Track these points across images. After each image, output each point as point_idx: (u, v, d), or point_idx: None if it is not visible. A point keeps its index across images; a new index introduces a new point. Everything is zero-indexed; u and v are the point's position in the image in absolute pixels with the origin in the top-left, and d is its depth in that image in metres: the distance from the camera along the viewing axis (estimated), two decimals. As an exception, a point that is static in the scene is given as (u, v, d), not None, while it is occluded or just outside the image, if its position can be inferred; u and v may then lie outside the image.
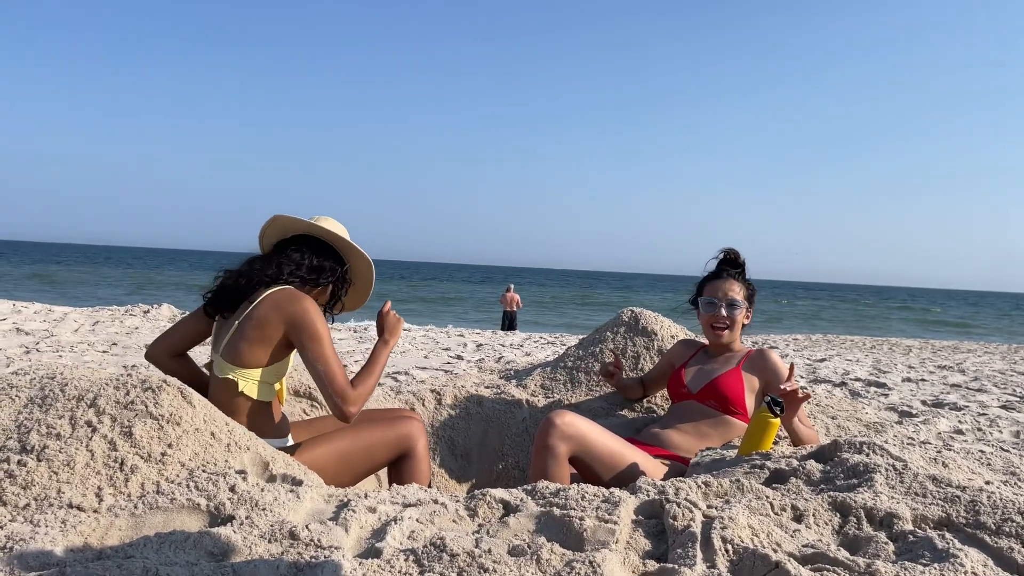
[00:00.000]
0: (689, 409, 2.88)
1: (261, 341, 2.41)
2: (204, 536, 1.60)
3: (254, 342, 2.41)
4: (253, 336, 2.41)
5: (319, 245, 2.64)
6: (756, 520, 1.78)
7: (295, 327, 2.38)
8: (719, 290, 2.94)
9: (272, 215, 2.62)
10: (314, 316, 2.39)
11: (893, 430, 3.24)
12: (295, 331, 2.38)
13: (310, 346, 2.37)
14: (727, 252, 3.04)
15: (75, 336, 7.21)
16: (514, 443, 3.46)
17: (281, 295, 2.43)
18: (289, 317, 2.38)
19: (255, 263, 2.57)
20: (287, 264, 2.55)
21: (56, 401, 2.01)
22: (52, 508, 1.71)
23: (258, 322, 2.40)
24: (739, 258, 3.03)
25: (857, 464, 2.15)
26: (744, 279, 3.00)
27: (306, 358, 2.39)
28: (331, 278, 2.64)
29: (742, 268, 3.03)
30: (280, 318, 2.39)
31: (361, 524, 1.74)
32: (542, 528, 1.75)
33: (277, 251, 2.61)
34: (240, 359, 2.42)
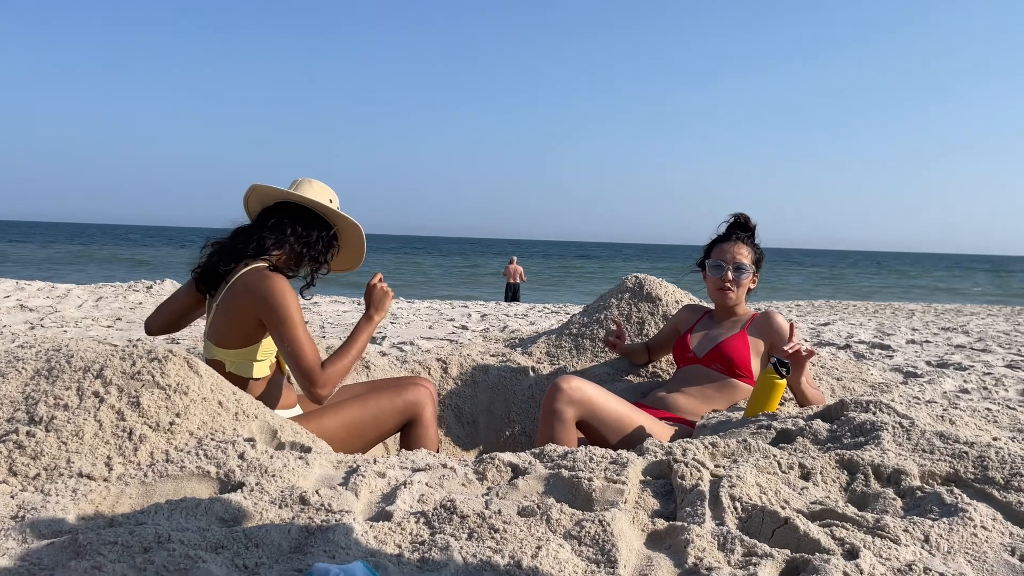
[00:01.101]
0: (695, 373, 2.88)
1: (238, 323, 2.39)
2: (215, 502, 1.60)
3: (232, 325, 2.40)
4: (231, 320, 2.40)
5: (303, 211, 2.56)
6: (764, 478, 1.78)
7: (263, 307, 2.33)
8: (727, 253, 2.92)
9: (251, 183, 2.56)
10: (282, 296, 2.33)
11: (898, 390, 3.24)
12: (263, 311, 2.33)
13: (278, 327, 2.33)
14: (738, 216, 3.01)
15: (79, 312, 7.22)
16: (520, 410, 3.47)
17: (250, 276, 2.39)
18: (258, 296, 2.33)
19: (238, 236, 2.53)
20: (269, 236, 2.49)
21: (63, 373, 2.01)
22: (62, 478, 1.72)
23: (232, 304, 2.38)
24: (749, 222, 3.01)
25: (864, 422, 2.15)
26: (753, 243, 2.97)
27: (275, 338, 2.35)
28: (318, 247, 2.57)
29: (752, 232, 3.00)
30: (250, 299, 2.35)
31: (371, 489, 1.75)
32: (551, 489, 1.76)
33: (259, 222, 2.55)
34: (223, 341, 2.42)
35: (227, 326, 2.41)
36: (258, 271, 2.40)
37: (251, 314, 2.37)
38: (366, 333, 2.52)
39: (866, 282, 41.34)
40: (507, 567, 1.37)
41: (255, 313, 2.36)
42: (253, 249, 2.47)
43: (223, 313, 2.41)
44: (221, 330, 2.42)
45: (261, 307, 2.34)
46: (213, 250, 2.54)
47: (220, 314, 2.42)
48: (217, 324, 2.43)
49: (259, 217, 2.58)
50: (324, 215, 2.59)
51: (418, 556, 1.42)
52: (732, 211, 3.05)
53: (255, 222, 2.58)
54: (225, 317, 2.41)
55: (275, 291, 2.33)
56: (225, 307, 2.41)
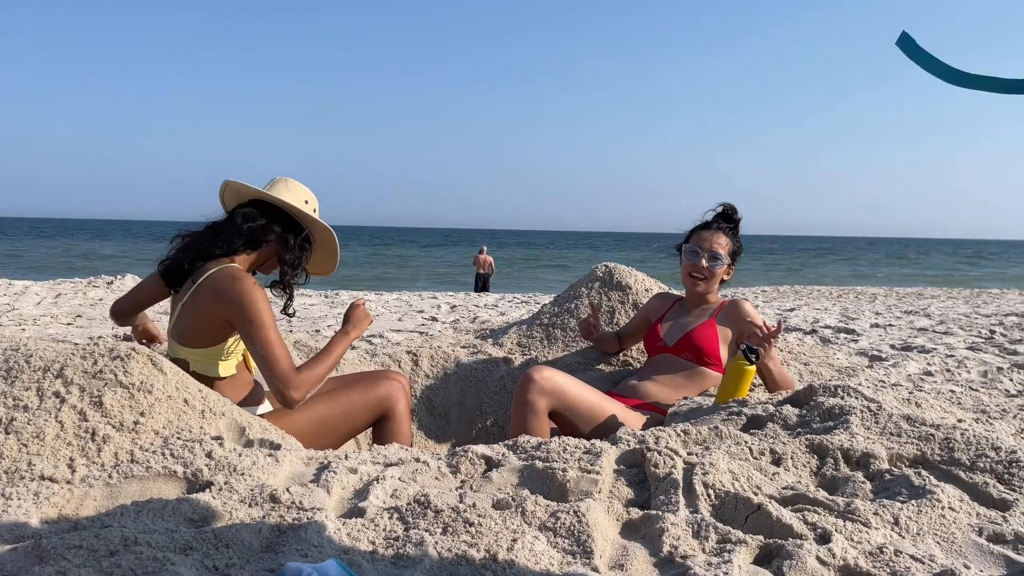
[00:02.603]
0: (665, 361, 2.89)
1: (204, 323, 2.35)
2: (183, 503, 1.57)
3: (199, 325, 2.35)
4: (197, 320, 2.35)
5: (278, 211, 2.51)
6: (736, 465, 1.79)
7: (233, 309, 2.28)
8: (705, 241, 2.92)
9: (224, 179, 2.51)
10: (253, 297, 2.28)
11: (865, 373, 3.29)
12: (233, 313, 2.28)
13: (249, 329, 2.27)
14: (725, 207, 3.00)
15: (37, 309, 7.05)
16: (492, 401, 3.46)
17: (220, 275, 2.33)
18: (227, 299, 2.28)
19: (208, 233, 2.47)
20: (239, 237, 2.43)
21: (21, 373, 1.96)
22: (24, 481, 1.67)
23: (200, 304, 2.33)
24: (735, 214, 3.00)
25: (833, 407, 2.18)
26: (733, 235, 2.97)
27: (246, 341, 2.30)
28: (294, 251, 2.53)
29: (735, 224, 3.00)
30: (219, 301, 2.30)
31: (343, 485, 1.73)
32: (525, 481, 1.75)
33: (231, 220, 2.48)
34: (188, 339, 2.37)
35: (193, 326, 2.36)
36: (228, 272, 2.34)
37: (219, 315, 2.32)
38: (341, 347, 2.50)
39: (823, 269, 41.93)
40: (483, 561, 1.36)
41: (223, 314, 2.31)
42: (222, 248, 2.42)
43: (190, 312, 2.36)
44: (186, 329, 2.37)
45: (231, 309, 2.28)
46: (182, 244, 2.47)
47: (186, 313, 2.37)
48: (183, 323, 2.38)
49: (231, 214, 2.52)
50: (297, 218, 2.54)
51: (392, 552, 1.41)
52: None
53: (227, 219, 2.51)
54: (192, 316, 2.36)
55: (245, 293, 2.27)
56: (192, 306, 2.35)
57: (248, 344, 2.31)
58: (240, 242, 2.43)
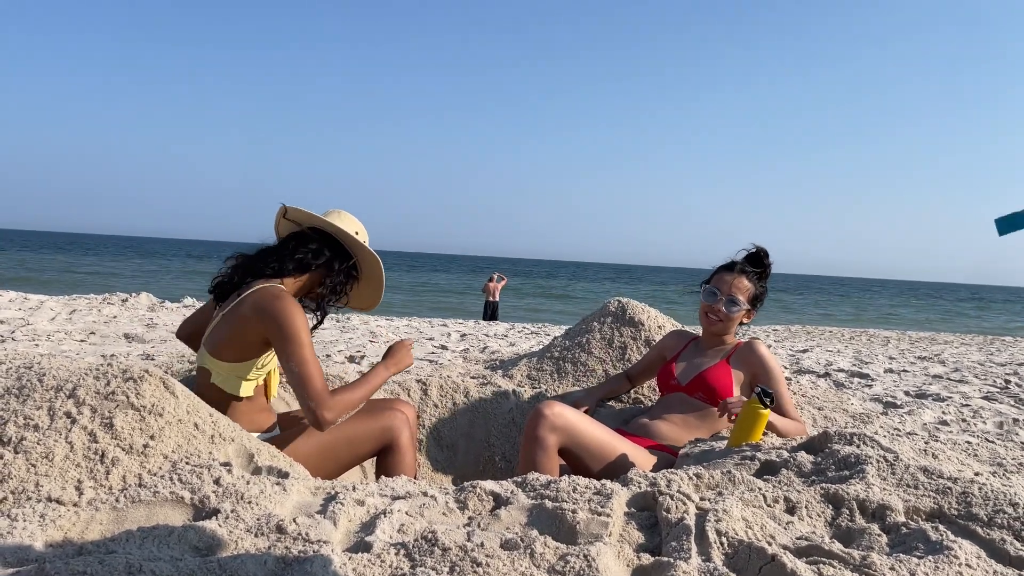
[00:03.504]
0: (678, 401, 2.86)
1: (239, 337, 2.38)
2: (188, 530, 1.56)
3: (233, 337, 2.38)
4: (233, 332, 2.38)
5: (329, 240, 2.59)
6: (750, 512, 1.76)
7: (272, 325, 2.30)
8: (725, 283, 2.89)
9: (281, 204, 2.58)
10: (293, 316, 2.30)
11: (879, 421, 3.25)
12: (272, 330, 2.31)
13: (286, 347, 2.29)
14: (756, 250, 2.94)
15: (52, 325, 7.08)
16: (501, 434, 3.44)
17: (263, 293, 2.37)
18: (267, 316, 2.31)
19: (261, 254, 2.54)
20: (291, 260, 2.50)
21: (34, 391, 1.96)
22: (30, 502, 1.66)
23: (239, 318, 2.37)
24: (763, 259, 2.94)
25: (848, 455, 2.14)
26: (759, 280, 2.92)
27: (282, 358, 2.31)
28: (339, 277, 2.59)
29: (762, 269, 2.93)
30: (259, 317, 2.32)
31: (350, 517, 1.71)
32: (534, 521, 1.73)
33: (283, 244, 2.56)
34: (218, 351, 2.40)
35: (227, 337, 2.39)
36: (272, 290, 2.38)
37: (255, 331, 2.35)
38: (379, 379, 2.54)
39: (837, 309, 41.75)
40: (490, 603, 1.34)
41: (261, 331, 2.34)
42: (272, 269, 2.48)
43: (227, 324, 2.40)
44: (220, 340, 2.40)
45: (270, 326, 2.31)
46: (235, 263, 2.55)
47: (224, 324, 2.41)
48: (217, 333, 2.41)
49: (284, 239, 2.60)
50: (349, 246, 2.61)
51: (398, 590, 1.38)
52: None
53: (280, 243, 2.59)
54: (228, 328, 2.39)
55: (286, 311, 2.30)
56: (231, 318, 2.39)
57: (283, 362, 2.31)
58: (291, 265, 2.50)
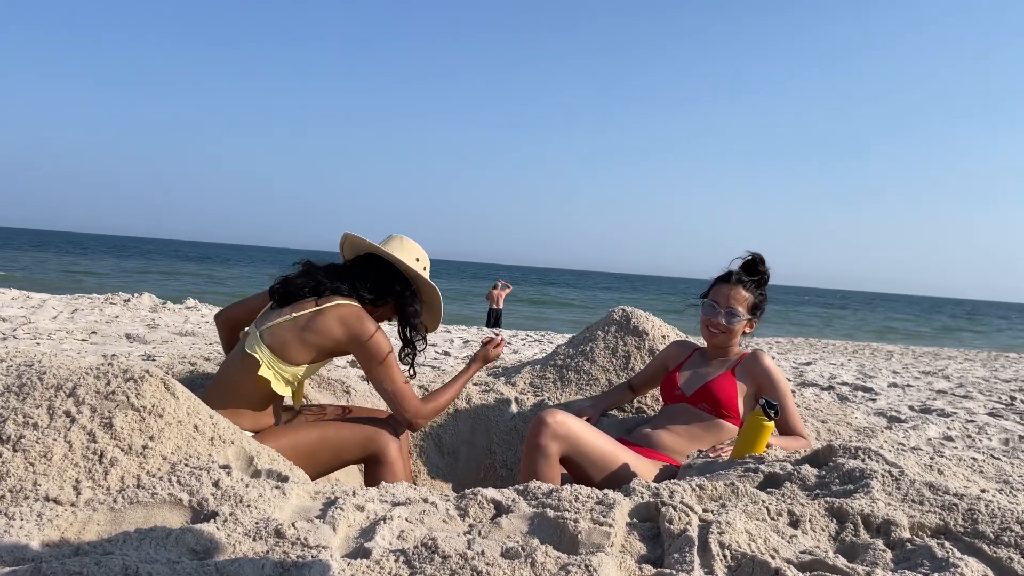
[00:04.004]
0: (681, 411, 2.84)
1: (315, 345, 2.46)
2: (186, 533, 1.54)
3: (307, 344, 2.45)
4: (308, 338, 2.45)
5: (391, 267, 2.66)
6: (753, 525, 1.74)
7: (361, 348, 2.45)
8: (722, 296, 2.86)
9: (344, 232, 2.70)
10: (380, 339, 2.47)
11: (884, 435, 3.22)
12: (360, 352, 2.46)
13: (377, 368, 2.47)
14: (752, 257, 2.89)
15: (53, 324, 7.08)
16: (502, 441, 3.42)
17: (349, 312, 2.48)
18: (356, 337, 2.45)
19: (330, 271, 2.62)
20: (361, 283, 2.59)
21: (34, 390, 1.94)
22: (28, 501, 1.65)
23: (319, 328, 2.45)
24: (758, 267, 2.89)
25: (853, 469, 2.12)
26: (756, 289, 2.87)
27: (373, 379, 2.49)
28: (395, 299, 2.66)
29: (759, 277, 2.90)
30: (346, 335, 2.45)
31: (349, 523, 1.69)
32: (535, 530, 1.71)
33: (351, 266, 2.66)
34: (283, 350, 2.45)
35: (299, 340, 2.45)
36: (357, 311, 2.49)
37: (337, 345, 2.46)
38: (465, 377, 2.78)
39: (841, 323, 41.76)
40: (490, 613, 1.32)
41: (344, 347, 2.47)
42: (348, 290, 2.56)
43: (301, 328, 2.45)
44: (288, 340, 2.45)
45: (357, 347, 2.45)
46: (305, 271, 2.62)
47: (294, 326, 2.46)
48: (285, 332, 2.46)
49: (354, 263, 2.68)
50: (408, 275, 2.68)
51: (397, 598, 1.37)
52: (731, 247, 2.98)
53: (351, 266, 2.67)
54: (303, 332, 2.45)
55: (376, 335, 2.46)
56: (307, 325, 2.45)
57: (374, 381, 2.49)
58: (366, 291, 2.59)
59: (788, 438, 2.66)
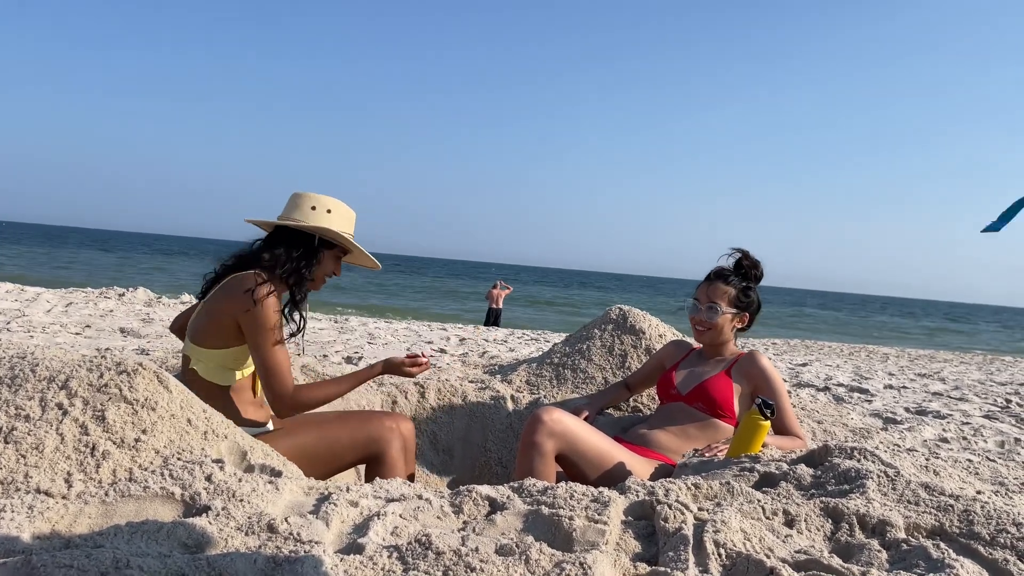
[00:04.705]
0: (677, 410, 2.84)
1: (216, 322, 2.38)
2: (178, 526, 1.53)
3: (211, 323, 2.39)
4: (210, 316, 2.39)
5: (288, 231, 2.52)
6: (748, 524, 1.74)
7: (245, 314, 2.31)
8: (702, 293, 2.89)
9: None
10: (266, 307, 2.32)
11: (879, 436, 3.22)
12: (244, 318, 2.32)
13: (257, 336, 2.31)
14: (734, 252, 2.91)
15: (47, 317, 7.06)
16: (498, 439, 3.41)
17: (234, 281, 2.38)
18: (241, 300, 2.32)
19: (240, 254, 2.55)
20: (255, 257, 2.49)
21: (26, 382, 1.93)
22: (19, 493, 1.63)
23: (218, 302, 2.39)
24: (742, 261, 2.90)
25: (849, 470, 2.12)
26: (738, 284, 2.87)
27: (252, 347, 2.34)
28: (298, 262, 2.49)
29: (743, 272, 2.90)
30: (230, 304, 2.33)
31: (342, 518, 1.68)
32: (530, 527, 1.70)
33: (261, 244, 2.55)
34: (198, 338, 2.41)
35: (206, 324, 2.39)
36: (250, 276, 2.38)
37: (231, 315, 2.35)
38: (357, 379, 2.55)
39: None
40: (483, 610, 1.31)
41: (236, 316, 2.33)
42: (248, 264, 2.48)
43: (205, 311, 2.41)
44: (199, 326, 2.41)
45: (242, 311, 2.31)
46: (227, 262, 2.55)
47: (203, 311, 2.43)
48: (197, 320, 2.43)
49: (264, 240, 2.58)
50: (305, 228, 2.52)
51: (390, 594, 1.36)
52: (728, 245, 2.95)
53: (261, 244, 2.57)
54: (207, 315, 2.40)
55: (262, 302, 2.31)
56: (211, 303, 2.40)
57: (253, 351, 2.33)
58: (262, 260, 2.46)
59: (784, 438, 2.66)
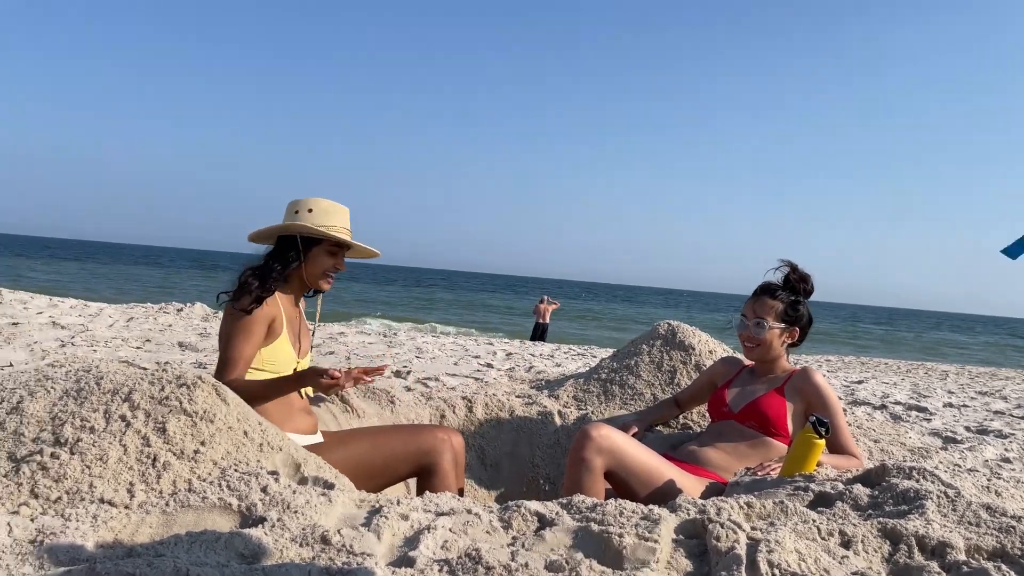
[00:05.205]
0: (729, 428, 2.80)
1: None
2: (235, 537, 1.57)
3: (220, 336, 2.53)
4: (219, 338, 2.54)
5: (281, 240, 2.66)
6: (803, 544, 1.70)
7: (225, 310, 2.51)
8: (749, 308, 2.86)
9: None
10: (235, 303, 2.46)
11: (939, 456, 3.13)
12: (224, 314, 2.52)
13: (224, 329, 2.48)
14: (784, 266, 2.88)
15: (109, 331, 7.28)
16: (545, 454, 3.41)
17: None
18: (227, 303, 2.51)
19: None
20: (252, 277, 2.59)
21: (91, 394, 2.00)
22: (83, 502, 1.69)
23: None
24: (790, 275, 2.87)
25: (907, 490, 2.07)
26: (786, 298, 2.83)
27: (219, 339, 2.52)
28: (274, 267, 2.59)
29: (791, 287, 2.86)
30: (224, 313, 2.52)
31: (393, 531, 1.70)
32: (579, 544, 1.70)
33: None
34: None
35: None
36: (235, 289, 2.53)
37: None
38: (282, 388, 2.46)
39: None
40: (533, 625, 1.31)
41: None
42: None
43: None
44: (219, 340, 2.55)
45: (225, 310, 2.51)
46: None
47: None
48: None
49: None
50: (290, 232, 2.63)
51: (441, 607, 1.37)
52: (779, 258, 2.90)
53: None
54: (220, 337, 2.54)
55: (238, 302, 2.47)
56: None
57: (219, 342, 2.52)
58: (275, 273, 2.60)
59: (839, 457, 2.60)
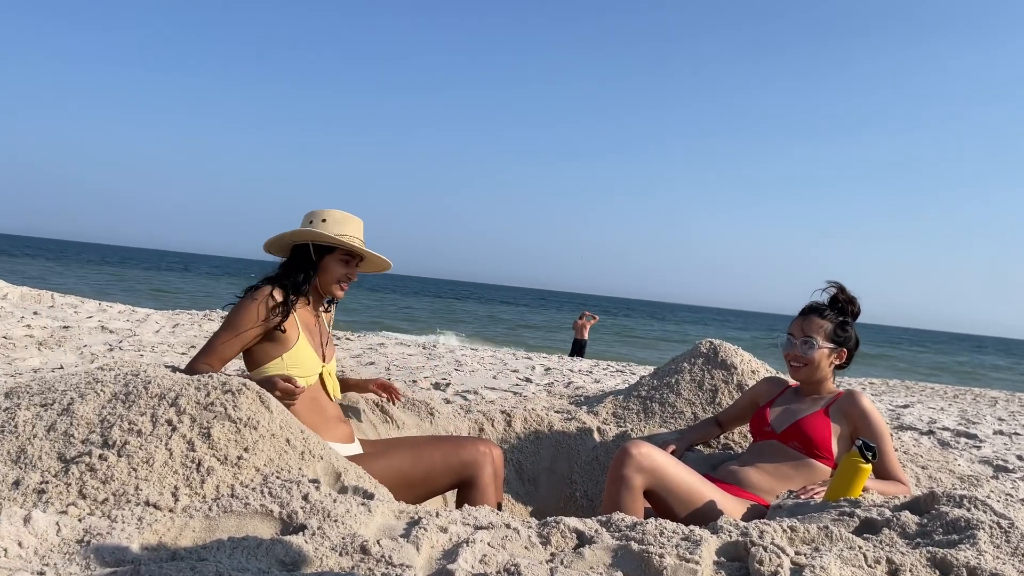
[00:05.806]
0: (771, 449, 2.75)
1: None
2: (276, 544, 1.58)
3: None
4: None
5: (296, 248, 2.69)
6: (849, 571, 1.66)
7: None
8: (796, 327, 2.81)
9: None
10: (241, 308, 2.49)
11: (990, 484, 3.04)
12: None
13: (222, 324, 2.52)
14: (832, 286, 2.85)
15: (156, 337, 7.43)
16: (583, 471, 3.38)
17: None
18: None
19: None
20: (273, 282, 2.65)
21: (139, 398, 2.04)
22: (129, 504, 1.72)
23: None
24: (840, 294, 2.83)
25: (958, 519, 2.00)
26: (834, 318, 2.79)
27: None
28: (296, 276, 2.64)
29: (839, 307, 2.82)
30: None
31: (432, 543, 1.70)
32: (619, 562, 1.68)
33: None
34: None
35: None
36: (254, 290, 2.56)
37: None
38: None
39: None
40: (572, 644, 1.30)
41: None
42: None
43: None
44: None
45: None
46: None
47: None
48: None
49: None
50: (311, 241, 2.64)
51: (479, 622, 1.36)
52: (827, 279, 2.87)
53: None
54: None
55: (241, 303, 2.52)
56: None
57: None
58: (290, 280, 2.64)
59: (886, 482, 2.54)
